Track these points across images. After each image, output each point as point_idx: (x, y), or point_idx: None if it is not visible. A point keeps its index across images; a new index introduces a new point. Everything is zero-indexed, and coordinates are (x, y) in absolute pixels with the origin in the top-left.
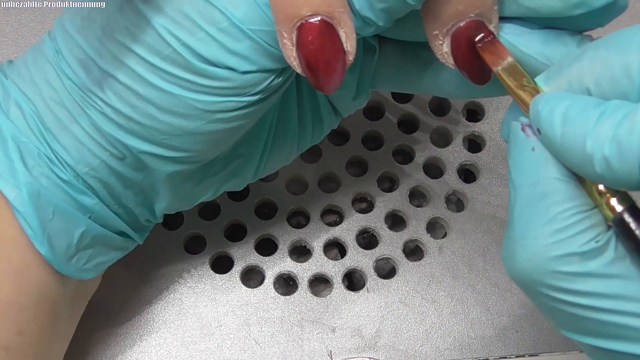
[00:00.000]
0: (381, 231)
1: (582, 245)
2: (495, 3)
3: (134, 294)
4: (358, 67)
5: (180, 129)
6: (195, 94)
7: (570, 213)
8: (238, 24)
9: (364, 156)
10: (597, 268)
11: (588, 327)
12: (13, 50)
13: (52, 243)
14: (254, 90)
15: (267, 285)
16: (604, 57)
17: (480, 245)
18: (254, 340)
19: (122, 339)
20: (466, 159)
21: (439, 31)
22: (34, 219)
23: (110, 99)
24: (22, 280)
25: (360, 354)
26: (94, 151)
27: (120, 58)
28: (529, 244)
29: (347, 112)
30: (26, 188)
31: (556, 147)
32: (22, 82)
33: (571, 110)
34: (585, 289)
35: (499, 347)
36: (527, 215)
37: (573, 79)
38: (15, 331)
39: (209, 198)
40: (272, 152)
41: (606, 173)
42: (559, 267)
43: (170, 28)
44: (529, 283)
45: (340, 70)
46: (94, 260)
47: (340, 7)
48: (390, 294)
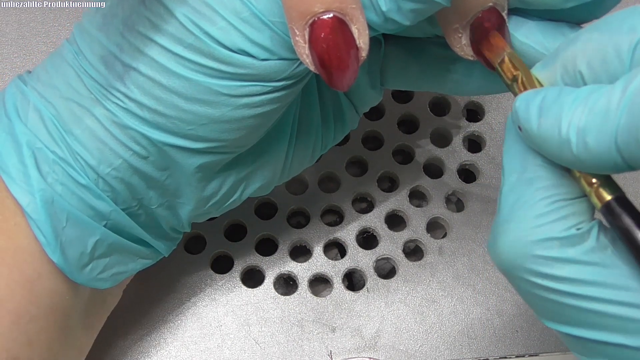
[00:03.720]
0: (381, 231)
1: (563, 231)
2: None
3: (133, 294)
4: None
5: (207, 117)
6: (220, 80)
7: (554, 200)
8: (259, 14)
9: (364, 156)
10: (576, 255)
11: (567, 314)
12: (13, 50)
13: (64, 251)
14: (279, 76)
15: (267, 285)
16: (597, 39)
17: (480, 245)
18: (254, 340)
19: (122, 339)
20: (466, 159)
21: (459, 24)
22: (47, 227)
23: (134, 93)
24: (34, 290)
25: (360, 354)
26: (116, 150)
27: (143, 50)
28: (511, 228)
29: (363, 107)
30: (40, 195)
31: (535, 140)
32: (42, 86)
33: (546, 100)
34: (563, 274)
35: (499, 347)
36: (512, 200)
37: (567, 62)
38: (24, 341)
39: (235, 202)
40: (297, 150)
41: (583, 154)
42: (538, 251)
43: (192, 17)
44: (510, 268)
45: (354, 67)
46: (110, 269)
47: (352, 4)
48: (390, 294)
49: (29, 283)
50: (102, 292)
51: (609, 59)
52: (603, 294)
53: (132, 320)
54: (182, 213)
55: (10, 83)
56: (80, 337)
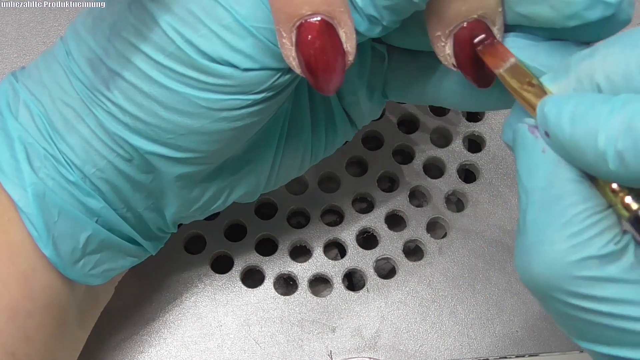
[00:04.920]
0: (381, 231)
1: (601, 247)
2: (499, 5)
3: (133, 294)
4: (367, 74)
5: (186, 128)
6: (199, 92)
7: (587, 214)
8: (241, 21)
9: (364, 156)
10: (617, 272)
11: (606, 335)
12: (13, 50)
13: (57, 245)
14: (259, 88)
15: (267, 285)
16: (618, 52)
17: (480, 245)
18: (254, 340)
19: (122, 339)
20: (466, 159)
21: (442, 32)
22: (38, 221)
23: (117, 98)
24: (29, 285)
25: (360, 354)
26: (101, 151)
27: (127, 56)
28: (545, 250)
29: (362, 120)
30: (31, 189)
31: (566, 148)
32: (32, 83)
33: (579, 108)
34: (605, 294)
35: (499, 347)
36: (541, 219)
37: (583, 76)
38: (21, 337)
39: (219, 207)
40: (285, 159)
41: (620, 169)
42: (577, 272)
43: (175, 25)
44: (546, 290)
45: (340, 71)
46: (101, 266)
47: (340, 7)
48: (390, 294)
49: (25, 278)
50: (95, 289)
51: (631, 73)
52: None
53: (131, 320)
54: (167, 215)
55: (4, 79)
56: (75, 333)
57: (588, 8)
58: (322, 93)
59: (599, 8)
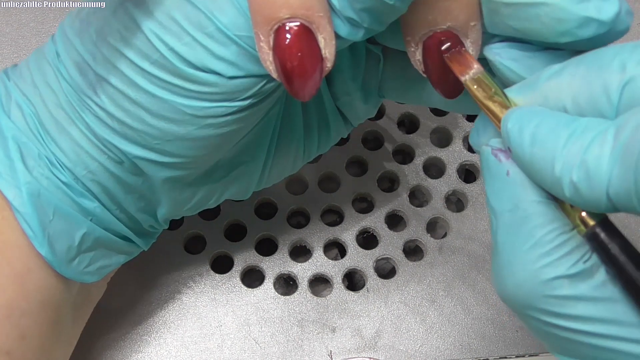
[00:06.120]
0: (381, 231)
1: (570, 267)
2: (471, 19)
3: (133, 294)
4: (361, 75)
5: (172, 134)
6: (184, 99)
7: (554, 235)
8: (224, 29)
9: (364, 156)
10: (588, 290)
11: (581, 351)
12: (13, 50)
13: (52, 244)
14: (244, 95)
15: (267, 285)
16: (584, 74)
17: (480, 245)
18: (254, 340)
19: (122, 339)
20: (466, 159)
21: (411, 38)
22: (33, 220)
23: (104, 103)
24: (25, 284)
25: (360, 354)
26: (92, 154)
27: (113, 62)
28: (517, 271)
29: (357, 119)
30: (26, 188)
31: (526, 168)
32: (23, 84)
33: (540, 129)
34: (577, 312)
35: (499, 347)
36: (511, 241)
37: (550, 93)
38: (17, 336)
39: (211, 205)
40: (277, 159)
41: (575, 197)
42: (549, 291)
43: (158, 32)
44: (521, 308)
45: (317, 77)
46: (96, 263)
47: (319, 12)
48: (390, 294)
49: (19, 278)
50: (88, 286)
51: (595, 97)
52: (616, 331)
53: (131, 320)
54: (159, 214)
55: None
56: (70, 330)
57: (580, 26)
58: (297, 98)
59: (592, 26)
